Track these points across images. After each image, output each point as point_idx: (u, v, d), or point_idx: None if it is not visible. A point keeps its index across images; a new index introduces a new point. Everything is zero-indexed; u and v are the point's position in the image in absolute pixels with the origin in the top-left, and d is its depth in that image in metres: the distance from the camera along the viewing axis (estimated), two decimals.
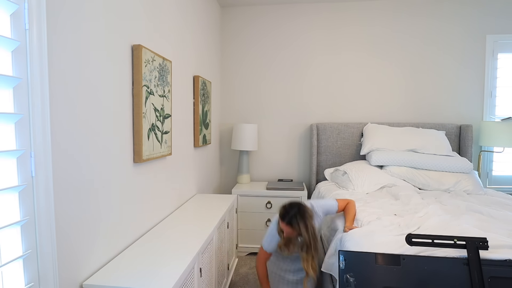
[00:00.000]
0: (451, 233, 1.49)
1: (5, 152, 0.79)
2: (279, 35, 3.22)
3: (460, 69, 2.99)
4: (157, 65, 1.64)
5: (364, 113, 3.15)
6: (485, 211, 1.83)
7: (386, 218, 1.74)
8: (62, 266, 1.00)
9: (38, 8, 0.88)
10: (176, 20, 2.02)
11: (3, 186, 0.81)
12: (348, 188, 2.50)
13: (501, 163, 2.99)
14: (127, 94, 1.41)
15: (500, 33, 2.93)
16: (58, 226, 0.98)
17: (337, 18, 3.14)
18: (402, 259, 1.36)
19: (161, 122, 1.71)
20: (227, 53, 3.30)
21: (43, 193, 0.91)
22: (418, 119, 3.07)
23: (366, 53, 3.11)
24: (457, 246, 1.32)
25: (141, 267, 1.21)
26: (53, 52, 0.96)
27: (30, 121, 0.87)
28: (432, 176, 2.46)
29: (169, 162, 1.92)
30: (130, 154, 1.44)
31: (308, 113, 3.23)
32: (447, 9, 2.98)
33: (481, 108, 2.99)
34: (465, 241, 1.31)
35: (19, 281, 0.86)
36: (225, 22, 3.28)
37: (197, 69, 2.48)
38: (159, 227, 1.68)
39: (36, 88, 0.88)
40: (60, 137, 0.99)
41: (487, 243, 1.29)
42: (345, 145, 3.05)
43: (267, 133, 3.30)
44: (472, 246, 1.30)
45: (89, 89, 1.14)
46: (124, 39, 1.38)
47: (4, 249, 0.82)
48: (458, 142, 2.93)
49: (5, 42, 0.79)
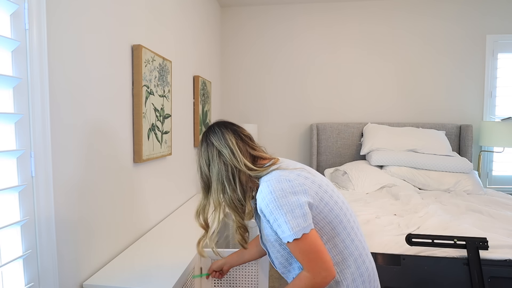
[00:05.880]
0: (451, 233, 1.49)
1: (5, 152, 0.79)
2: (279, 35, 3.22)
3: (460, 69, 2.99)
4: (157, 65, 1.64)
5: (364, 113, 3.15)
6: (485, 211, 1.83)
7: (386, 218, 1.74)
8: (62, 266, 1.00)
9: (38, 8, 0.88)
10: (176, 20, 2.02)
11: (3, 186, 0.81)
12: (348, 188, 2.50)
13: (501, 163, 2.98)
14: (127, 94, 1.41)
15: (500, 33, 2.93)
16: (58, 226, 0.98)
17: (337, 18, 3.14)
18: (402, 259, 1.37)
19: (161, 122, 1.71)
20: (227, 53, 3.30)
21: (43, 193, 0.91)
22: (418, 119, 3.07)
23: (366, 52, 3.11)
24: (457, 246, 1.32)
25: (141, 267, 1.21)
26: (53, 52, 0.96)
27: (30, 121, 0.87)
28: (432, 176, 2.46)
29: (169, 162, 1.92)
30: (130, 154, 1.44)
31: (308, 113, 3.23)
32: (447, 9, 2.98)
33: (481, 108, 2.98)
34: (465, 241, 1.31)
35: (19, 281, 0.86)
36: (225, 22, 3.28)
37: (197, 69, 2.48)
38: (159, 227, 1.68)
39: (36, 88, 0.88)
40: (60, 137, 0.99)
41: (487, 243, 1.29)
42: (345, 145, 3.05)
43: (267, 133, 3.30)
44: (472, 246, 1.30)
45: (89, 89, 1.14)
46: (124, 39, 1.38)
47: (4, 249, 0.82)
48: (458, 142, 2.93)
49: (5, 42, 0.79)
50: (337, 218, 0.92)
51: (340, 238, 0.92)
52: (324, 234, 0.91)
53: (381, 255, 1.39)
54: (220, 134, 0.97)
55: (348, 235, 0.93)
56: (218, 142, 0.96)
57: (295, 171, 0.92)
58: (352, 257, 0.93)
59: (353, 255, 0.93)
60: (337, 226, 0.92)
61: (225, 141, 0.95)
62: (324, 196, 0.91)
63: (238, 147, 0.95)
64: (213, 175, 0.96)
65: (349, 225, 0.95)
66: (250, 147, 1.00)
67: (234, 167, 0.94)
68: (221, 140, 0.96)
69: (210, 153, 0.97)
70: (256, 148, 1.02)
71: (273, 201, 0.85)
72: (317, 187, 0.91)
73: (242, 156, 0.94)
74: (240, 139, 0.98)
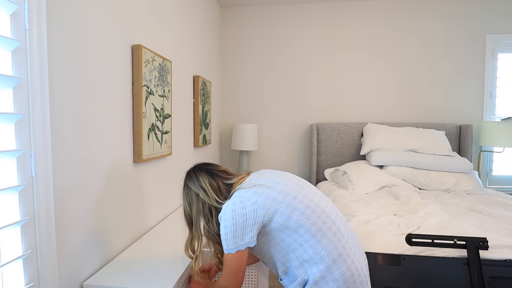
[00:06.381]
0: (451, 233, 1.49)
1: (5, 152, 0.79)
2: (279, 35, 3.22)
3: (460, 69, 2.99)
4: (157, 65, 1.64)
5: (364, 113, 3.15)
6: (485, 211, 1.83)
7: (386, 218, 1.74)
8: (62, 266, 1.00)
9: (38, 8, 0.88)
10: (176, 20, 2.02)
11: (3, 186, 0.81)
12: (348, 188, 2.50)
13: (501, 163, 2.99)
14: (127, 94, 1.41)
15: (500, 33, 2.93)
16: (58, 226, 0.99)
17: (337, 18, 3.14)
18: (402, 259, 1.37)
19: (161, 122, 1.71)
20: (227, 53, 3.30)
21: (43, 193, 0.91)
22: (418, 119, 3.07)
23: (366, 52, 3.11)
24: (457, 246, 1.32)
25: (142, 267, 1.21)
26: (53, 52, 0.96)
27: (30, 121, 0.87)
28: (432, 176, 2.46)
29: (169, 162, 1.92)
30: (130, 154, 1.44)
31: (308, 113, 3.23)
32: (447, 9, 2.98)
33: (481, 108, 2.98)
34: (465, 241, 1.31)
35: (19, 281, 0.86)
36: (225, 22, 3.28)
37: (197, 69, 2.48)
38: (160, 227, 1.68)
39: (36, 88, 0.88)
40: (60, 137, 0.99)
41: (487, 243, 1.30)
42: (345, 145, 3.05)
43: (267, 133, 3.30)
44: (472, 246, 1.30)
45: (89, 89, 1.14)
46: (124, 39, 1.38)
47: (4, 249, 0.82)
48: (458, 142, 2.93)
49: (5, 42, 0.79)
50: (298, 222, 1.00)
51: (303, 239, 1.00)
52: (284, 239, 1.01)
53: (381, 255, 1.39)
54: (194, 178, 1.13)
55: (313, 237, 0.99)
56: (193, 185, 1.12)
57: (251, 190, 1.03)
58: (321, 259, 0.97)
59: (322, 258, 0.97)
60: (298, 229, 1.00)
61: (199, 183, 1.11)
62: (278, 207, 1.00)
63: (210, 186, 1.10)
64: (193, 213, 1.12)
65: (314, 228, 0.99)
66: (224, 179, 1.14)
67: (210, 204, 1.09)
68: (195, 183, 1.12)
69: (190, 196, 1.12)
70: (230, 177, 1.16)
71: (223, 221, 1.00)
72: (270, 201, 1.01)
73: (213, 193, 1.09)
74: (212, 177, 1.13)
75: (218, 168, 1.18)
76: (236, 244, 0.98)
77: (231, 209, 0.99)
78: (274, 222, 1.00)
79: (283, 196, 1.02)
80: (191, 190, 1.12)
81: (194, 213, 1.11)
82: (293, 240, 0.99)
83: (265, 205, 1.00)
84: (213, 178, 1.13)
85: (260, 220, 0.99)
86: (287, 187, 1.06)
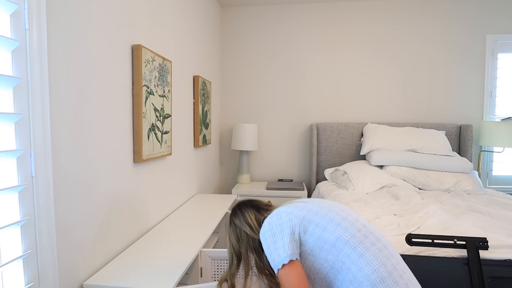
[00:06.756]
0: (451, 233, 1.49)
1: (5, 152, 0.79)
2: (279, 35, 3.22)
3: (460, 69, 2.99)
4: (157, 65, 1.64)
5: (364, 113, 3.15)
6: (485, 211, 1.83)
7: (386, 218, 1.74)
8: (62, 266, 1.00)
9: (38, 8, 0.88)
10: (176, 20, 2.02)
11: (3, 186, 0.81)
12: (348, 188, 2.50)
13: (501, 163, 2.99)
14: (127, 94, 1.41)
15: (500, 33, 2.93)
16: (58, 226, 0.99)
17: (337, 18, 3.14)
18: (402, 259, 1.36)
19: (161, 122, 1.71)
20: (227, 53, 3.30)
21: (43, 193, 0.91)
22: (418, 119, 3.07)
23: (366, 52, 3.11)
24: (457, 246, 1.32)
25: (142, 267, 1.21)
26: (53, 52, 0.96)
27: (30, 121, 0.87)
28: (432, 176, 2.46)
29: (169, 162, 1.92)
30: (130, 154, 1.44)
31: (308, 113, 3.23)
32: (447, 9, 2.98)
33: (481, 108, 2.98)
34: (465, 241, 1.31)
35: (19, 281, 0.86)
36: (225, 22, 3.28)
37: (197, 69, 2.48)
38: (160, 227, 1.68)
39: (36, 88, 0.88)
40: (60, 137, 0.99)
41: (487, 243, 1.30)
42: (345, 145, 3.05)
43: (267, 133, 3.30)
44: (472, 246, 1.30)
45: (89, 89, 1.14)
46: (124, 39, 1.38)
47: (4, 249, 0.82)
48: (458, 142, 2.93)
49: (5, 42, 0.79)
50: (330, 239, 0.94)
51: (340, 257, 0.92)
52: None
53: None
54: (240, 215, 1.13)
55: (353, 250, 0.90)
56: (239, 222, 1.11)
57: (286, 205, 1.05)
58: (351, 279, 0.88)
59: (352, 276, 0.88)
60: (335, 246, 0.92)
61: (245, 220, 1.11)
62: (313, 218, 0.97)
63: (256, 221, 1.10)
64: (243, 250, 1.10)
65: (354, 240, 0.91)
66: (268, 211, 1.13)
67: (258, 239, 1.06)
68: (241, 220, 1.11)
69: (237, 232, 1.11)
70: (272, 208, 1.15)
71: (262, 235, 1.00)
72: (306, 212, 1.00)
73: (259, 228, 1.08)
74: (258, 210, 1.14)
75: (262, 203, 1.19)
76: (280, 256, 0.91)
77: (267, 222, 1.00)
78: (309, 235, 0.94)
79: (318, 208, 1.00)
80: (237, 227, 1.11)
81: (243, 250, 1.09)
82: (336, 258, 0.90)
83: (300, 215, 0.98)
84: (259, 212, 1.13)
85: (296, 230, 0.95)
86: (322, 202, 1.05)
